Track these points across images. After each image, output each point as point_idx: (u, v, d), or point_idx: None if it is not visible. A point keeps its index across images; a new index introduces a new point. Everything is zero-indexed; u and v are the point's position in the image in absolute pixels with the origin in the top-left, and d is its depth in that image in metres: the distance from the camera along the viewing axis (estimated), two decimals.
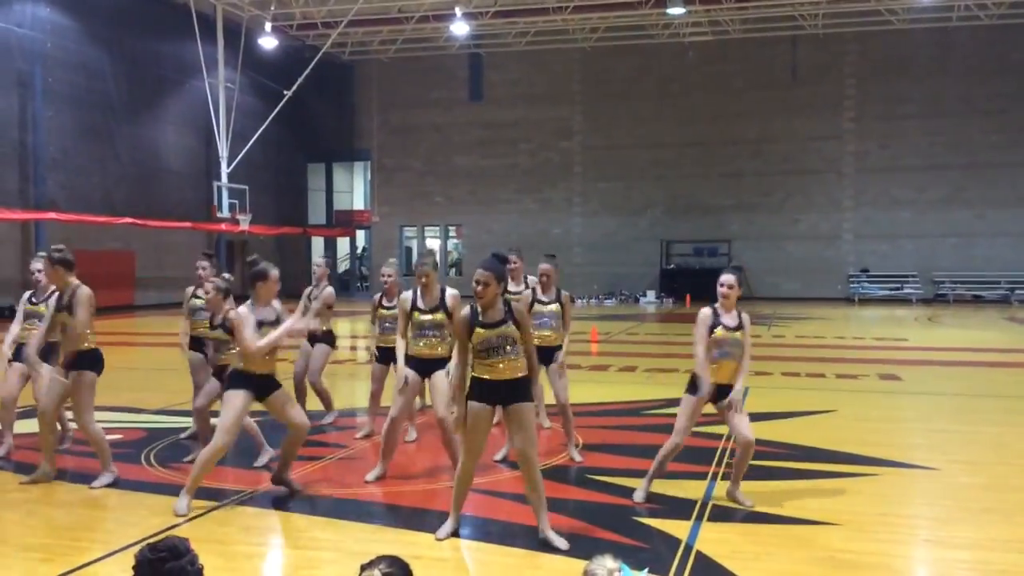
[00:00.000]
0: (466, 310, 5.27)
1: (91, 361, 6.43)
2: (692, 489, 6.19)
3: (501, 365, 5.15)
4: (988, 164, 30.39)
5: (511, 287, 8.00)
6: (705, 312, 5.83)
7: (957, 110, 30.56)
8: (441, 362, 6.53)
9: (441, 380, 6.50)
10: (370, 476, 6.58)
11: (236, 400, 5.82)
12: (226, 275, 7.66)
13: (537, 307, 7.59)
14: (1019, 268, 30.02)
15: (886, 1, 27.92)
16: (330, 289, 8.98)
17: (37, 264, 7.27)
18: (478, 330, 5.15)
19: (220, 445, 5.77)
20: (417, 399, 9.27)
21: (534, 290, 7.87)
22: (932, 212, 31.08)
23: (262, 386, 5.92)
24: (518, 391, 5.21)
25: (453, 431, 5.87)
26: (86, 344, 6.35)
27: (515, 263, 8.14)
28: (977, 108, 30.37)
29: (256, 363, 5.85)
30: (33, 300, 7.37)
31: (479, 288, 5.19)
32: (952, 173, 30.74)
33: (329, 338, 9.02)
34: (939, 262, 30.87)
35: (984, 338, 17.97)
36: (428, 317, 6.50)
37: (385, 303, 7.88)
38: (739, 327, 5.83)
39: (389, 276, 7.89)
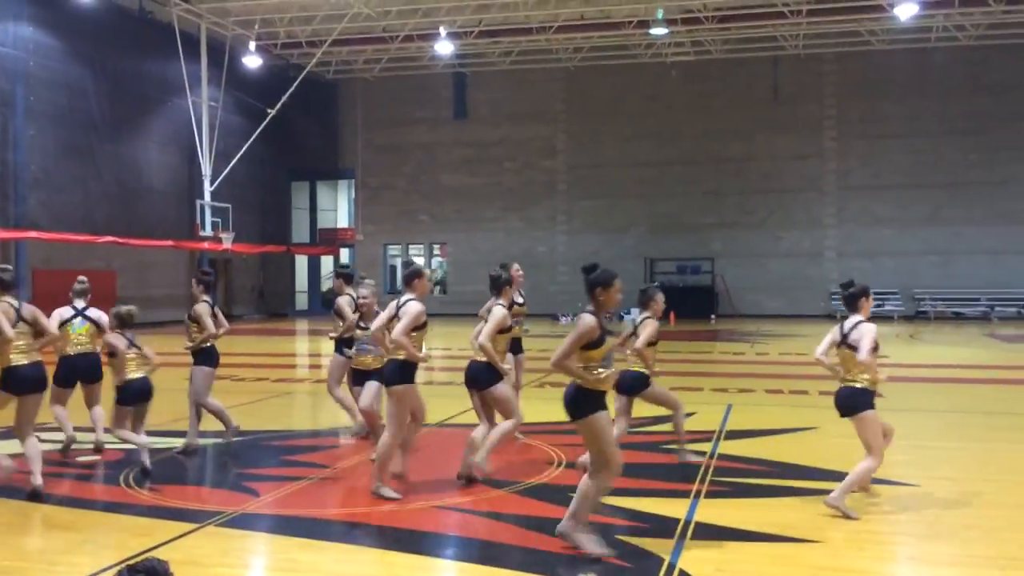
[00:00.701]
0: (591, 318, 5.09)
1: (5, 381, 6.57)
2: (676, 508, 6.18)
3: (606, 375, 5.15)
4: (967, 183, 30.71)
5: (516, 297, 8.37)
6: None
7: (936, 129, 30.90)
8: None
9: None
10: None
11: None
12: (123, 308, 8.11)
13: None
14: (998, 285, 30.31)
15: (866, 23, 28.26)
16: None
17: None
18: (609, 339, 5.15)
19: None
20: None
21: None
22: (913, 230, 31.35)
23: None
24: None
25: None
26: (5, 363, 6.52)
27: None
28: (956, 128, 30.72)
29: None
30: None
31: (618, 296, 5.15)
32: (932, 191, 31.04)
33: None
34: (920, 279, 31.10)
35: (965, 355, 18.08)
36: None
37: (362, 324, 7.87)
38: None
39: (365, 299, 7.88)
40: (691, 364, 16.19)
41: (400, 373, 6.40)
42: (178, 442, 8.77)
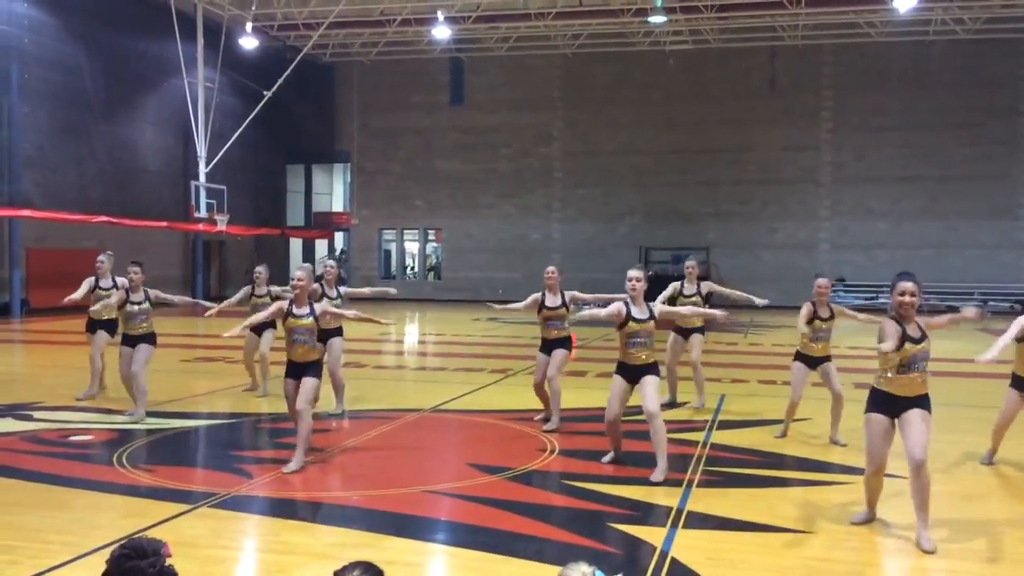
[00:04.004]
0: (889, 323, 5.28)
1: None
2: (668, 496, 6.20)
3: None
4: (962, 176, 30.75)
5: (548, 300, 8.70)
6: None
7: (932, 123, 30.91)
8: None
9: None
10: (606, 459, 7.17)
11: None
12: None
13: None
14: (991, 280, 30.38)
15: (864, 14, 28.21)
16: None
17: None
18: (908, 345, 5.31)
19: None
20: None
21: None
22: (907, 223, 31.40)
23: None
24: None
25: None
26: None
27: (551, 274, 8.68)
28: (952, 121, 30.73)
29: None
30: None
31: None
32: (926, 185, 31.08)
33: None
34: (913, 272, 31.10)
35: (958, 348, 18.12)
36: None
37: (295, 311, 7.00)
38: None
39: (300, 281, 7.05)
40: (685, 353, 16.21)
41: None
42: (175, 423, 8.79)
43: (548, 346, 8.66)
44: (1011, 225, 30.51)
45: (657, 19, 27.55)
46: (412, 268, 38.47)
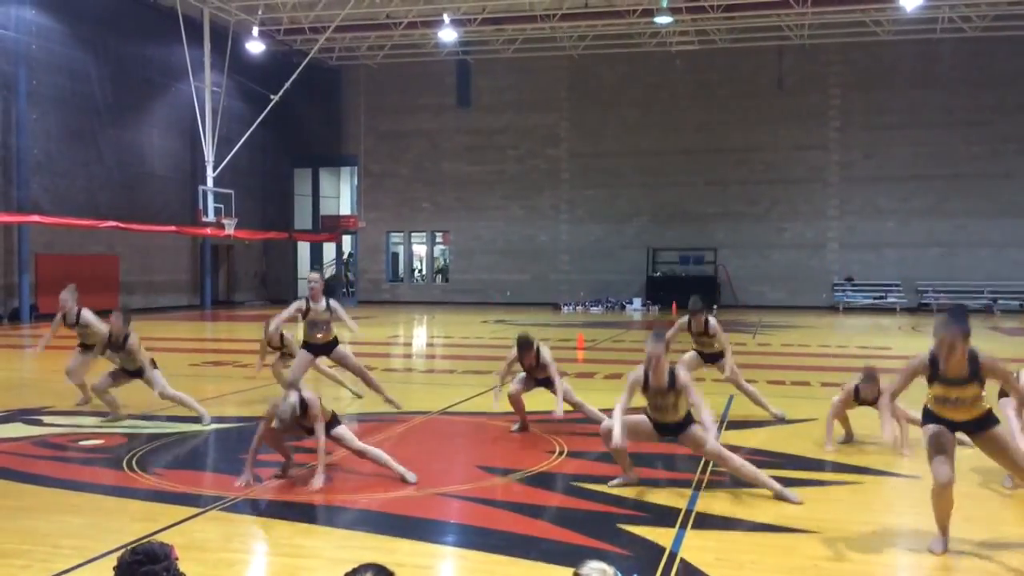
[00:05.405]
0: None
1: None
2: (676, 497, 6.20)
3: None
4: (970, 175, 30.65)
5: None
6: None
7: (940, 121, 30.82)
8: None
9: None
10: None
11: None
12: None
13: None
14: (1001, 278, 30.28)
15: (871, 13, 28.15)
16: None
17: None
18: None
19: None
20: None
21: None
22: (916, 222, 31.31)
23: None
24: None
25: None
26: None
27: None
28: (960, 119, 30.64)
29: None
30: None
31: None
32: (935, 183, 30.98)
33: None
34: (922, 271, 31.08)
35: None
36: None
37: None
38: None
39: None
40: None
41: None
42: (180, 427, 8.81)
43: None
44: (1020, 223, 30.39)
45: (663, 20, 27.55)
46: (420, 271, 38.52)
